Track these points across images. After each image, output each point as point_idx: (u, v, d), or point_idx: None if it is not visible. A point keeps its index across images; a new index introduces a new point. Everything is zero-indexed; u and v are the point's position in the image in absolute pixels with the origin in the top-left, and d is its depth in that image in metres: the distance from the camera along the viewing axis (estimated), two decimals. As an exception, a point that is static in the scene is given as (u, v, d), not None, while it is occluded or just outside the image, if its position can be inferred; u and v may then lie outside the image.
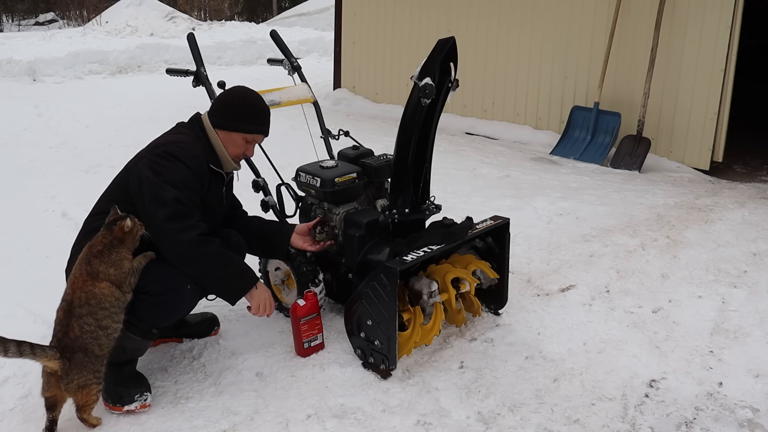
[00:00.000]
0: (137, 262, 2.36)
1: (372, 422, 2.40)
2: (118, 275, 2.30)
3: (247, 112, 2.67)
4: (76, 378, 2.23)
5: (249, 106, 2.68)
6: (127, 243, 2.34)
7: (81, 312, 2.24)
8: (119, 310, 2.31)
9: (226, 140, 2.67)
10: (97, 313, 2.24)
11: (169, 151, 2.53)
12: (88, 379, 2.25)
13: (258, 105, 2.71)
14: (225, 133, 2.66)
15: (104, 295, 2.26)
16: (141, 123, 6.99)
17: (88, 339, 2.24)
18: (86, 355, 2.24)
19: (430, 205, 2.97)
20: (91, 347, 2.25)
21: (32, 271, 3.59)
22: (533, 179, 5.49)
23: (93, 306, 2.25)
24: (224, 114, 2.66)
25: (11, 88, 9.21)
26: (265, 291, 2.62)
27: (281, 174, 3.21)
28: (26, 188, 5.02)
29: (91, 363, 2.25)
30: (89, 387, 2.25)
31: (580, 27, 6.54)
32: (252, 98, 2.71)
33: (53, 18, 23.37)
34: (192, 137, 2.64)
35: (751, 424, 2.43)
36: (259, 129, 2.70)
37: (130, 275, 2.33)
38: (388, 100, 8.11)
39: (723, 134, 5.88)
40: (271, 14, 25.70)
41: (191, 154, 2.56)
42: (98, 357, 2.27)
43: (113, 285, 2.28)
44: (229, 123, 2.66)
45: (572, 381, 2.67)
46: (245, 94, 2.72)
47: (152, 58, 11.60)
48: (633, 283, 3.55)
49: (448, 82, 2.68)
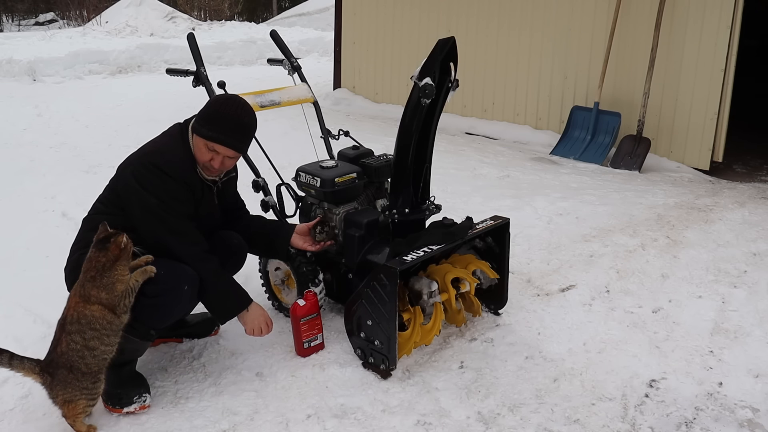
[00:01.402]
0: (133, 280, 2.30)
1: (372, 422, 2.40)
2: (110, 299, 2.25)
3: (215, 118, 2.50)
4: (60, 393, 2.22)
5: (221, 113, 2.51)
6: (122, 260, 2.28)
7: (71, 329, 2.23)
8: (111, 333, 2.27)
9: (196, 145, 2.55)
10: (85, 333, 2.22)
11: (154, 162, 2.49)
12: (74, 395, 2.22)
13: (231, 115, 2.51)
14: (195, 137, 2.55)
15: (95, 317, 2.23)
16: (141, 123, 6.99)
17: (74, 357, 2.21)
18: (71, 372, 2.21)
19: (430, 205, 2.97)
20: (77, 365, 2.21)
21: (32, 271, 3.59)
22: (533, 179, 5.49)
23: (83, 325, 2.22)
24: (198, 117, 2.56)
25: (11, 88, 9.22)
26: (259, 313, 2.62)
27: (281, 174, 3.21)
28: (26, 188, 5.02)
29: (77, 380, 2.22)
30: (75, 402, 2.23)
31: (580, 27, 6.54)
32: (229, 107, 2.53)
33: (53, 18, 23.37)
34: (176, 141, 2.59)
35: (751, 424, 2.43)
36: (218, 138, 2.48)
37: (123, 297, 2.27)
38: (388, 100, 8.11)
39: (723, 134, 5.88)
40: (271, 14, 25.70)
41: (177, 164, 2.52)
42: (85, 375, 2.23)
43: (105, 308, 2.24)
44: (197, 126, 2.54)
45: (572, 381, 2.67)
46: (226, 101, 2.56)
47: (152, 58, 11.60)
48: (633, 283, 3.55)
49: (448, 82, 2.68)
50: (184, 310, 2.60)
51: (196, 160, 2.58)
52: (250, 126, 2.58)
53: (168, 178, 2.48)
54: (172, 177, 2.49)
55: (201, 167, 2.59)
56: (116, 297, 2.26)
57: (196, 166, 2.58)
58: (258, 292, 3.30)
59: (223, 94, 2.71)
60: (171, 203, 2.48)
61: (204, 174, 2.61)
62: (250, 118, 2.57)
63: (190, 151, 2.58)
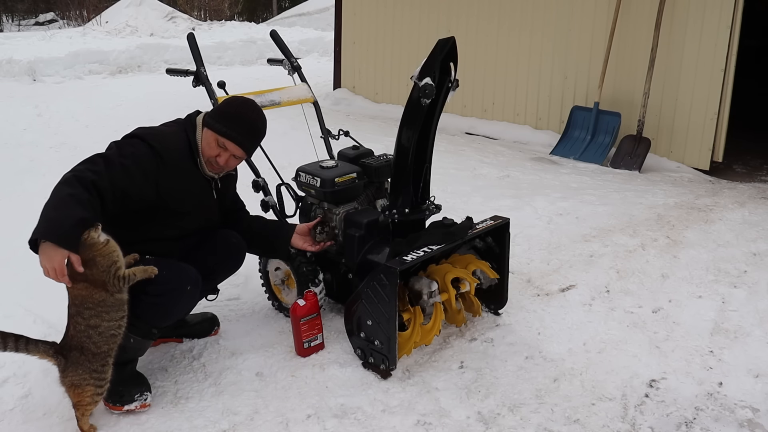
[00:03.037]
0: (132, 273, 2.31)
1: (372, 422, 2.40)
2: (95, 274, 2.23)
3: (231, 116, 2.57)
4: (71, 375, 2.26)
5: (236, 112, 2.59)
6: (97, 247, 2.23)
7: (71, 312, 2.29)
8: (110, 308, 2.28)
9: (205, 138, 2.60)
10: (83, 313, 2.26)
11: (136, 133, 2.56)
12: (83, 379, 2.26)
13: (245, 114, 2.60)
14: (205, 131, 2.60)
15: (83, 296, 2.25)
16: (141, 123, 6.89)
17: (82, 337, 2.26)
18: (82, 353, 2.26)
19: (430, 205, 2.97)
20: (87, 345, 2.26)
21: (32, 271, 3.54)
22: (533, 179, 5.49)
23: (78, 306, 2.27)
24: (213, 112, 2.63)
25: (11, 88, 9.21)
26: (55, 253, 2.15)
27: (281, 174, 3.21)
28: (26, 188, 5.01)
29: (88, 361, 2.26)
30: (83, 387, 2.26)
31: (580, 27, 6.54)
32: (246, 108, 2.62)
33: (53, 18, 23.39)
34: (178, 129, 2.63)
35: (751, 424, 2.43)
36: (231, 135, 2.55)
37: (113, 276, 2.25)
38: (388, 100, 8.11)
39: (723, 134, 5.88)
40: (271, 14, 25.71)
41: (163, 139, 2.53)
42: (95, 355, 2.27)
43: (92, 285, 2.25)
44: (211, 120, 2.58)
45: (572, 381, 2.67)
46: (243, 102, 2.65)
47: (152, 58, 11.60)
48: (633, 283, 3.55)
49: (448, 82, 2.67)
50: (185, 310, 2.61)
51: (200, 152, 2.61)
52: (261, 131, 2.66)
53: (142, 143, 2.48)
54: (148, 143, 2.49)
55: (205, 161, 2.62)
56: (103, 272, 2.24)
57: (195, 156, 2.60)
58: (258, 292, 3.31)
59: (240, 96, 2.75)
60: (125, 156, 2.42)
61: (205, 169, 2.64)
62: (263, 123, 2.66)
63: (188, 140, 2.60)
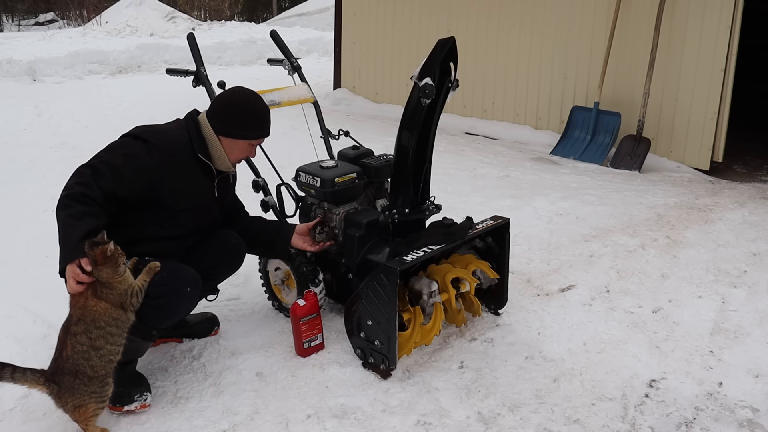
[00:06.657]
0: (141, 281, 2.29)
1: (372, 422, 2.40)
2: (114, 295, 2.21)
3: (251, 120, 2.65)
4: (69, 400, 2.19)
5: (252, 112, 2.65)
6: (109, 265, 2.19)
7: (76, 330, 2.19)
8: (119, 331, 2.24)
9: (230, 146, 2.65)
10: (91, 332, 2.18)
11: (133, 131, 2.59)
12: (83, 400, 2.20)
13: (260, 109, 2.68)
14: (229, 140, 2.64)
15: (99, 314, 2.19)
16: (141, 123, 6.96)
17: (79, 360, 2.17)
18: (77, 378, 2.18)
19: (430, 205, 2.97)
20: (82, 368, 2.18)
21: (32, 271, 3.58)
22: (533, 179, 5.49)
23: (88, 324, 2.18)
24: (228, 120, 2.62)
25: (11, 88, 9.21)
26: (70, 269, 2.24)
27: (281, 174, 3.21)
28: (26, 188, 5.01)
29: (84, 385, 2.19)
30: (85, 406, 2.21)
31: (580, 27, 6.54)
32: (253, 103, 2.67)
33: (53, 18, 23.38)
34: (179, 127, 2.64)
35: (751, 424, 2.43)
36: (263, 133, 2.70)
37: (130, 296, 2.24)
38: (388, 100, 8.11)
39: (723, 134, 5.88)
40: (271, 14, 25.71)
41: (162, 137, 2.55)
42: (92, 379, 2.20)
43: (112, 305, 2.21)
44: (234, 131, 2.63)
45: (572, 381, 2.67)
46: (246, 98, 2.67)
47: (152, 58, 11.60)
48: (633, 283, 3.55)
49: (448, 82, 2.67)
50: (185, 311, 2.60)
51: (210, 151, 2.63)
52: (268, 111, 2.74)
53: (140, 141, 2.51)
54: (147, 141, 2.51)
55: (232, 162, 2.71)
56: (120, 294, 2.22)
57: (195, 151, 2.60)
58: (258, 292, 3.31)
59: (236, 92, 2.69)
60: (116, 157, 2.46)
61: (219, 165, 2.67)
62: (262, 102, 2.72)
63: (190, 134, 2.61)
